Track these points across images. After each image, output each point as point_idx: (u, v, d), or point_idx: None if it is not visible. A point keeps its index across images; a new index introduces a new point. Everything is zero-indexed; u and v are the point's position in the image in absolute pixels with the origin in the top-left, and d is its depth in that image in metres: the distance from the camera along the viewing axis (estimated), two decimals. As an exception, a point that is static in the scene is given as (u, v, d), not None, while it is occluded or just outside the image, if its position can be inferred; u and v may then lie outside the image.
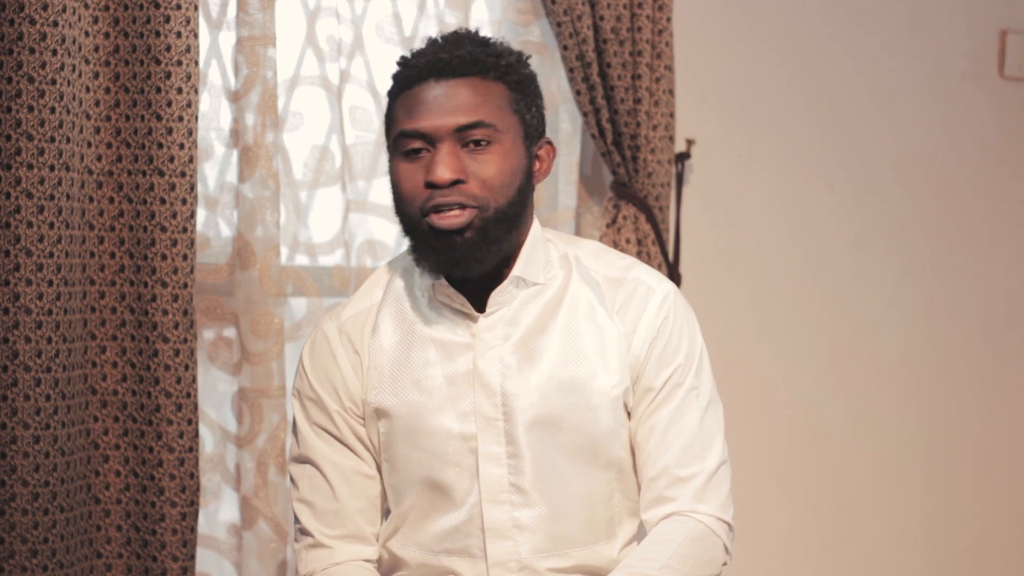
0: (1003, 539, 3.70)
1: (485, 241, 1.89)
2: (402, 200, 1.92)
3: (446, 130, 1.88)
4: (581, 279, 2.01)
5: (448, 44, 1.93)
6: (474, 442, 1.95)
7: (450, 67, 1.89)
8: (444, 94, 1.89)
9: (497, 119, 1.90)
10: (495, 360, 1.95)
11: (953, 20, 3.53)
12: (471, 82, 1.90)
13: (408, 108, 1.90)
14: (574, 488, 1.97)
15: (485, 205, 1.88)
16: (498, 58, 1.92)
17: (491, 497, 1.95)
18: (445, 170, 1.86)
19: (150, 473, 2.50)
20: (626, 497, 2.01)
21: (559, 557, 1.96)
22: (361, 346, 2.01)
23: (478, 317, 1.96)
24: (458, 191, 1.87)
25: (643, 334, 1.98)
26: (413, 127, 1.89)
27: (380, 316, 2.02)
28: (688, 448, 1.96)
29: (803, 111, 3.37)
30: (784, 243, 3.37)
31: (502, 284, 1.96)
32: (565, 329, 1.97)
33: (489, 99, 1.90)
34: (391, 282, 2.04)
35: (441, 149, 1.88)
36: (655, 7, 2.99)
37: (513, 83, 1.93)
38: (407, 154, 1.91)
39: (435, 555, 1.98)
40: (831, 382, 3.45)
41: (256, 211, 2.64)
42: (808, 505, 3.43)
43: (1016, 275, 3.66)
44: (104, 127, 2.49)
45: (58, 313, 2.37)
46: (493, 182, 1.89)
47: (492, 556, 1.95)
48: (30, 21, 2.31)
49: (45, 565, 2.37)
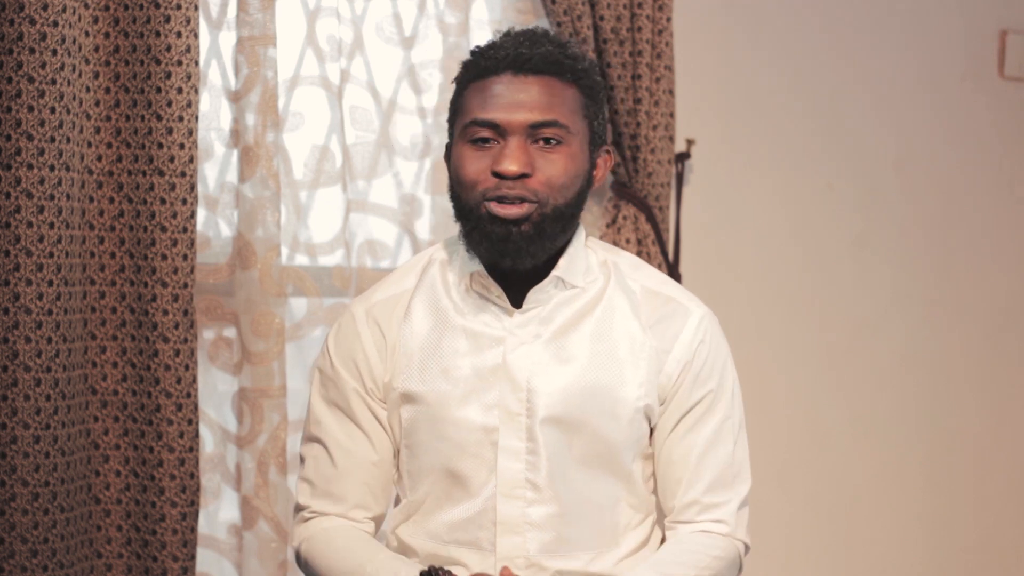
0: (1003, 539, 3.70)
1: (539, 236, 1.92)
2: (463, 185, 1.94)
3: (520, 125, 1.91)
4: (619, 287, 2.03)
5: (528, 40, 1.95)
6: (495, 435, 1.95)
7: (530, 64, 1.92)
8: (520, 89, 1.92)
9: (569, 121, 1.93)
10: (525, 356, 1.96)
11: (953, 20, 3.53)
12: (548, 81, 1.93)
13: (482, 98, 1.93)
14: (583, 492, 1.98)
15: (545, 202, 1.91)
16: (575, 61, 1.95)
17: (506, 491, 1.95)
18: (514, 163, 1.89)
19: (150, 473, 2.50)
20: (632, 508, 2.02)
21: (565, 559, 1.97)
22: (389, 330, 2.02)
23: (513, 312, 1.98)
24: (522, 185, 1.90)
25: (678, 355, 2.00)
26: (487, 117, 1.91)
27: (413, 302, 2.03)
28: (722, 477, 2.01)
29: (803, 111, 3.37)
30: (784, 243, 3.37)
31: (542, 282, 1.98)
32: (597, 334, 1.99)
33: (563, 101, 1.93)
34: (427, 269, 2.05)
35: (511, 142, 1.91)
36: (655, 7, 2.99)
37: (586, 88, 1.96)
38: (475, 142, 1.93)
39: (444, 545, 1.98)
40: (831, 382, 3.45)
41: (256, 211, 2.64)
42: (808, 505, 3.43)
43: (1016, 275, 3.66)
44: (104, 127, 2.49)
45: (58, 313, 2.37)
46: (556, 181, 1.92)
47: (501, 550, 1.95)
48: (30, 21, 2.31)
49: (45, 565, 2.37)
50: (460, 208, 1.95)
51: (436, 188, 2.87)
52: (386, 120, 2.83)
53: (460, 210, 1.96)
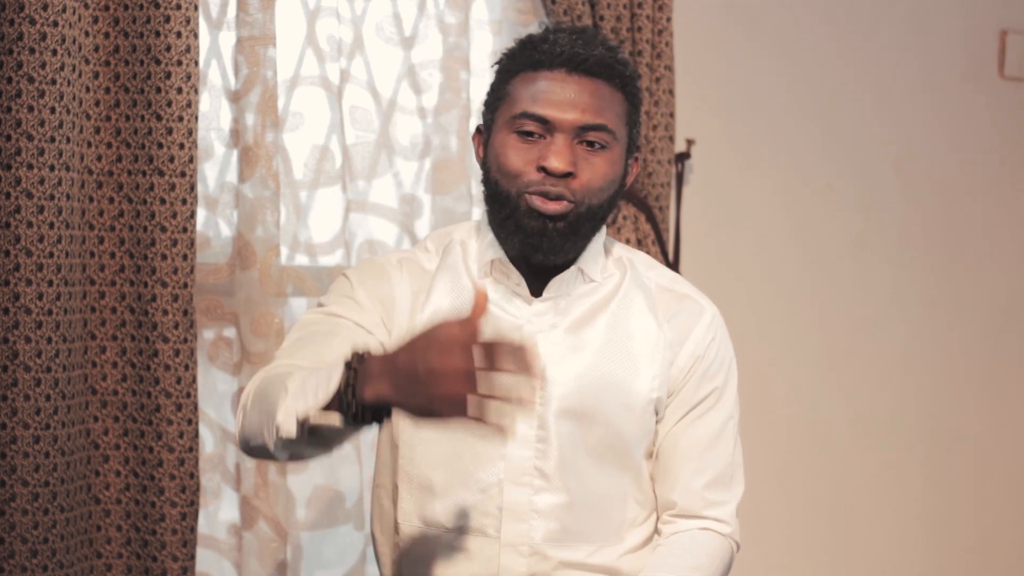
0: (1003, 539, 3.70)
1: (573, 234, 1.94)
2: (505, 173, 1.94)
3: (570, 124, 1.92)
4: (634, 283, 2.05)
5: (583, 40, 1.95)
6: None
7: (585, 64, 1.93)
8: (574, 89, 1.92)
9: (615, 127, 1.95)
10: (541, 344, 1.97)
11: (953, 20, 3.53)
12: (599, 85, 1.94)
13: (534, 91, 1.93)
14: (592, 485, 1.98)
15: (581, 202, 1.93)
16: (624, 67, 1.97)
17: (514, 478, 1.96)
18: (562, 161, 1.91)
19: (150, 473, 2.50)
20: (638, 504, 2.03)
21: (569, 549, 1.98)
22: (418, 294, 2.00)
23: (532, 300, 1.99)
24: (565, 184, 1.92)
25: (690, 349, 2.03)
26: (538, 112, 1.92)
27: (436, 280, 2.03)
28: (723, 474, 2.03)
29: (803, 111, 3.37)
30: (784, 243, 3.37)
31: (563, 273, 2.00)
32: (612, 326, 2.01)
33: (612, 106, 1.95)
34: (448, 249, 2.06)
35: (559, 140, 1.92)
36: (655, 7, 2.99)
37: (631, 96, 1.98)
38: (521, 133, 1.93)
39: (448, 531, 1.99)
40: (831, 382, 3.45)
41: (256, 211, 2.64)
42: (808, 505, 3.43)
43: (1016, 275, 3.66)
44: (104, 127, 2.49)
45: (58, 313, 2.37)
46: (595, 184, 1.94)
47: (505, 537, 1.96)
48: (30, 21, 2.31)
49: (45, 565, 2.37)
50: (497, 195, 1.95)
51: (436, 188, 2.87)
52: (386, 120, 2.83)
53: (496, 196, 1.96)
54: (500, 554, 1.95)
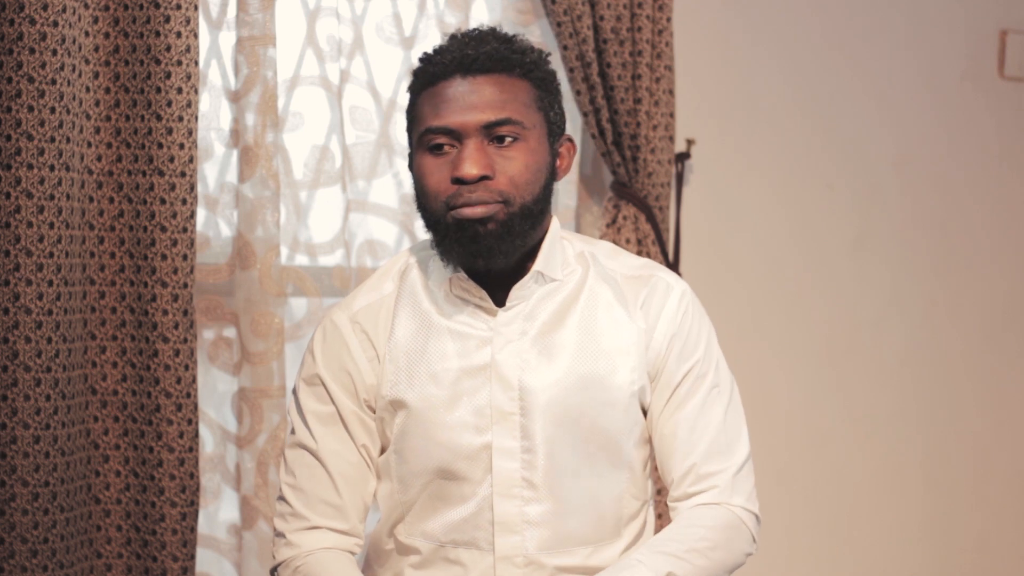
0: (1003, 539, 3.70)
1: (508, 234, 1.90)
2: (427, 195, 1.93)
3: (474, 127, 1.89)
4: (599, 276, 2.02)
5: (473, 41, 1.93)
6: (489, 435, 1.95)
7: (476, 64, 1.90)
8: (471, 91, 1.90)
9: (524, 116, 1.91)
10: (514, 354, 1.96)
11: (952, 20, 3.53)
12: (497, 79, 1.91)
13: (434, 104, 1.91)
14: (585, 487, 1.97)
15: (511, 200, 1.90)
16: (523, 55, 1.94)
17: (503, 491, 1.95)
18: (473, 166, 1.88)
19: (150, 473, 2.50)
20: (635, 498, 2.01)
21: (565, 555, 1.97)
22: (377, 337, 2.00)
23: (496, 311, 1.97)
24: (484, 187, 1.89)
25: (664, 329, 2.00)
26: (440, 123, 1.90)
27: (397, 308, 2.01)
28: (715, 444, 1.98)
29: (803, 111, 3.37)
30: (784, 243, 3.37)
31: (523, 279, 1.97)
32: (583, 325, 1.99)
33: (515, 96, 1.91)
34: (405, 275, 2.04)
35: (468, 145, 1.89)
36: (655, 7, 2.99)
37: (537, 80, 1.95)
38: (432, 149, 1.92)
39: (442, 546, 1.98)
40: (831, 382, 3.45)
41: (256, 211, 2.64)
42: (808, 505, 3.43)
43: (1016, 275, 3.66)
44: (104, 127, 2.49)
45: (58, 313, 2.37)
46: (519, 179, 1.90)
47: (499, 550, 1.95)
48: (30, 21, 2.31)
49: (45, 565, 2.37)
50: (428, 218, 1.94)
51: (436, 188, 2.87)
52: (386, 120, 2.83)
53: (428, 220, 1.94)
54: (495, 567, 1.95)
